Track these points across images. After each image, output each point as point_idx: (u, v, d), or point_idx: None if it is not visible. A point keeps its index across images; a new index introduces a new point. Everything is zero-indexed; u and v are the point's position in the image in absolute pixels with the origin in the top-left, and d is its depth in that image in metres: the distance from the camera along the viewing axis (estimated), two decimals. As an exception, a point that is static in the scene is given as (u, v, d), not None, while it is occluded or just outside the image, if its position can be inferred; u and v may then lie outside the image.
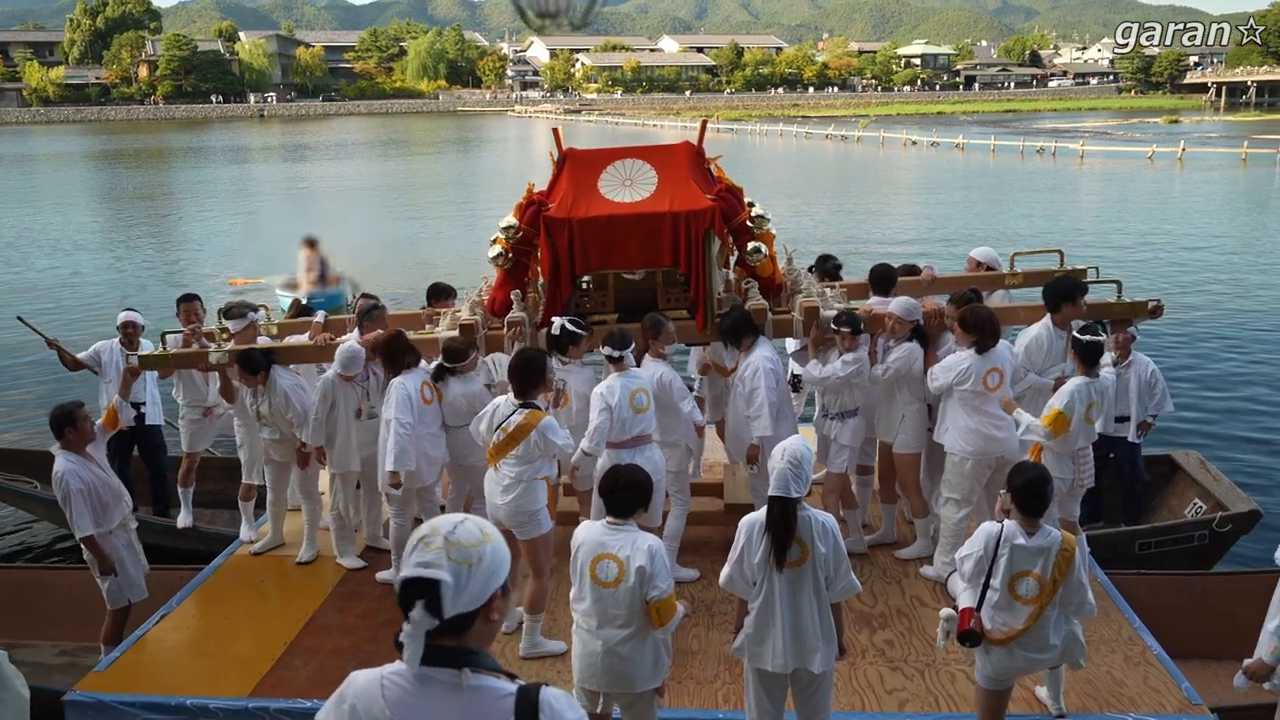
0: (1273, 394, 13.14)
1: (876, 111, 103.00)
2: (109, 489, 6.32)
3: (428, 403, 6.52)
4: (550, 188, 6.94)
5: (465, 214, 33.60)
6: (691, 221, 6.44)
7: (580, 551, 4.41)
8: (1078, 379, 6.07)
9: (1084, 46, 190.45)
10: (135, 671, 5.76)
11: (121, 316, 8.71)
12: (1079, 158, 51.19)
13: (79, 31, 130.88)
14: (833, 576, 4.34)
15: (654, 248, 6.55)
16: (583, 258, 6.58)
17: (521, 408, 5.53)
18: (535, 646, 5.75)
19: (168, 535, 8.21)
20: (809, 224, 27.97)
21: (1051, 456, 6.04)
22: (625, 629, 4.30)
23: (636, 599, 4.26)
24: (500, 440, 5.55)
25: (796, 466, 4.28)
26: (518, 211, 6.77)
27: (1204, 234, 26.90)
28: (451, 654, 2.13)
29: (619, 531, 4.36)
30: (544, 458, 5.61)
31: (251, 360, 6.90)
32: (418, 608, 2.08)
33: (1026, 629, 4.51)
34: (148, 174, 52.04)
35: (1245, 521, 7.76)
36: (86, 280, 22.54)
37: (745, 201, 6.87)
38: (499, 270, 6.91)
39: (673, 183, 6.72)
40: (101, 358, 8.64)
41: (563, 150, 6.99)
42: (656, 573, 4.25)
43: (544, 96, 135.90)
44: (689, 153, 7.05)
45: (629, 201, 6.66)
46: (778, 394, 6.43)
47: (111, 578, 6.32)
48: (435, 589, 2.08)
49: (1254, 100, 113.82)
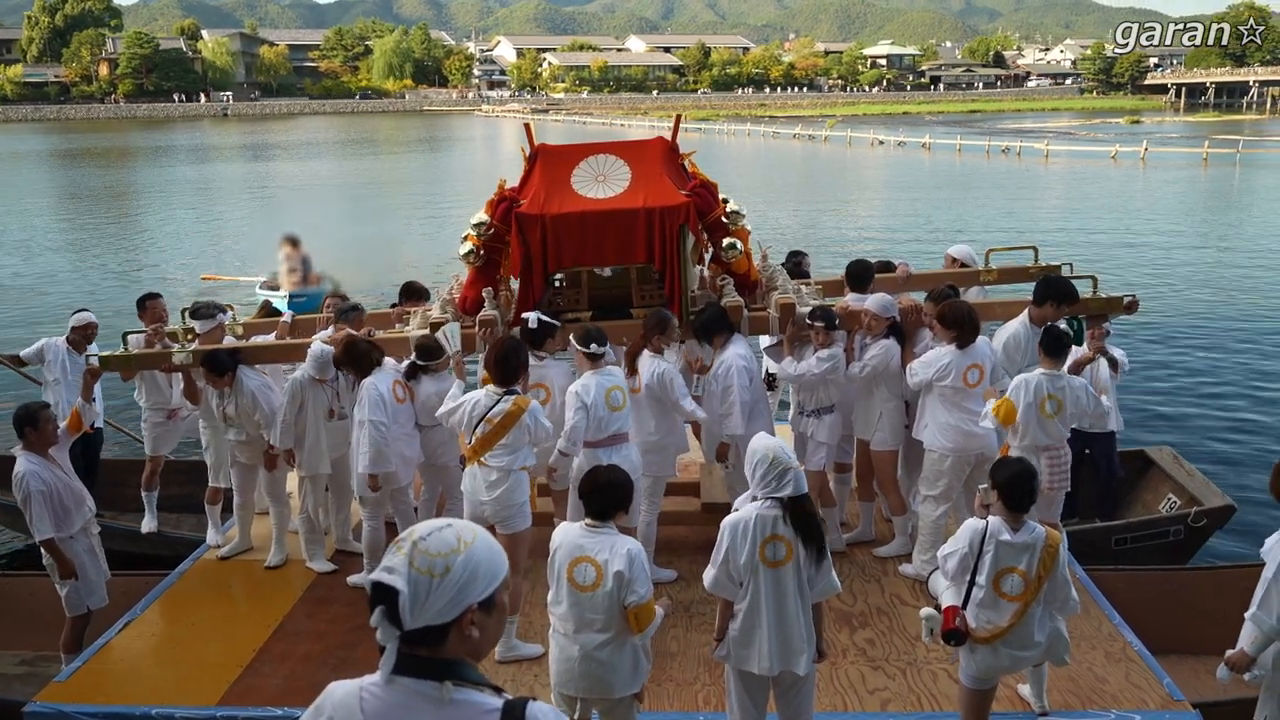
0: (1243, 389, 13.29)
1: (843, 111, 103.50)
2: (71, 492, 6.14)
3: (400, 402, 6.41)
4: (522, 184, 6.82)
5: (439, 212, 33.39)
6: (666, 217, 6.35)
7: (558, 554, 4.31)
8: (1036, 371, 5.99)
9: (1046, 48, 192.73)
10: (98, 681, 5.58)
11: (82, 318, 8.51)
12: (1044, 157, 51.75)
13: (37, 29, 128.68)
14: (814, 576, 4.27)
15: (628, 244, 6.45)
16: (555, 254, 6.48)
17: (506, 395, 5.44)
18: (511, 649, 5.64)
19: (132, 540, 8.02)
20: (781, 221, 28.03)
21: (1015, 452, 5.91)
22: (603, 634, 4.20)
23: (614, 604, 4.17)
24: (486, 432, 5.44)
25: (796, 467, 4.26)
26: (489, 208, 6.65)
27: (1170, 231, 27.25)
28: (430, 665, 2.00)
29: (597, 534, 4.27)
30: (529, 445, 5.53)
31: (218, 361, 6.74)
32: (378, 613, 1.97)
33: (1012, 626, 4.46)
34: (112, 173, 51.23)
35: (1220, 516, 7.82)
36: (49, 281, 22.06)
37: (720, 197, 6.80)
38: (470, 268, 6.79)
39: (646, 178, 6.62)
40: (46, 355, 8.43)
41: (535, 146, 6.88)
42: (635, 578, 4.15)
43: (511, 96, 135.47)
44: (663, 148, 6.96)
45: (602, 197, 6.56)
46: (751, 392, 6.36)
47: (71, 583, 6.13)
48: (394, 597, 1.95)
49: (1213, 101, 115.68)
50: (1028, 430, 5.93)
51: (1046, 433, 5.97)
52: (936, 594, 4.75)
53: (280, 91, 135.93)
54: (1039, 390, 5.90)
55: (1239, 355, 14.82)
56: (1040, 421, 5.93)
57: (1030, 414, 5.89)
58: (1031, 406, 5.89)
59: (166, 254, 25.93)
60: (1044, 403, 5.90)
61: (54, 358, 8.42)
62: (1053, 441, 6.02)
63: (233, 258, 24.36)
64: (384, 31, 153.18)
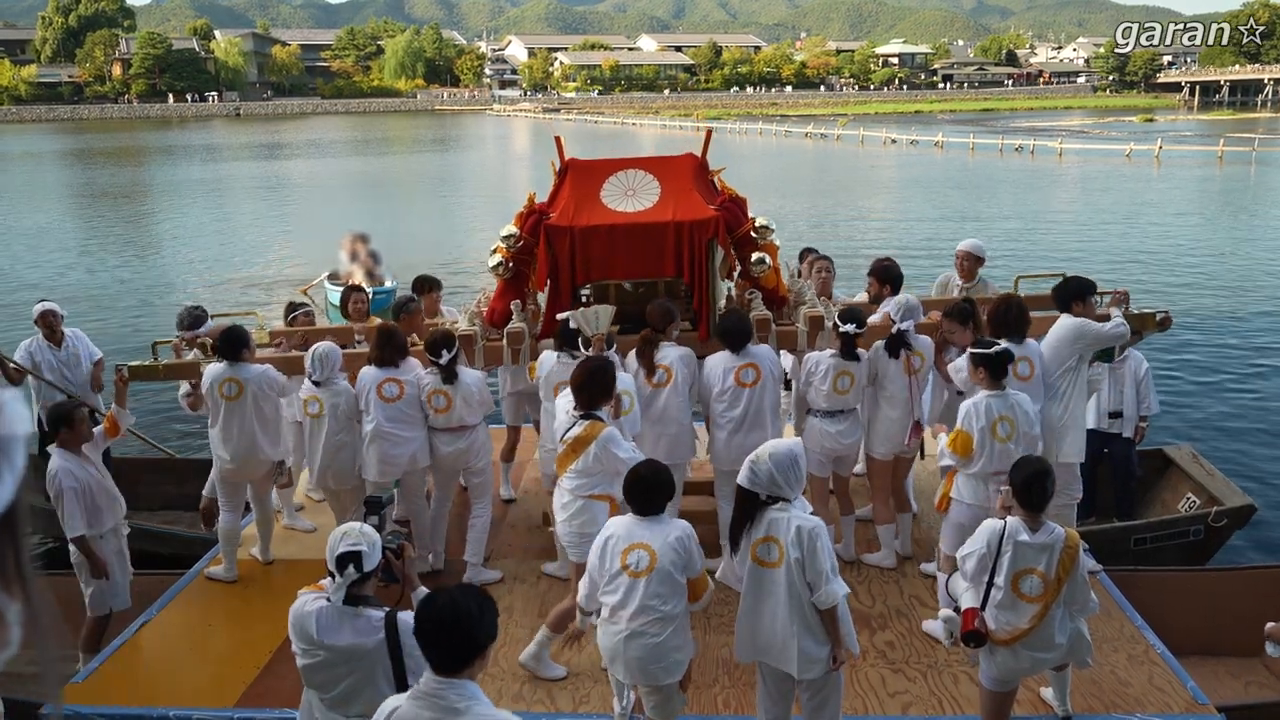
0: (1263, 388, 13.17)
1: (855, 110, 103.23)
2: (104, 491, 6.15)
3: (389, 400, 6.35)
4: (551, 197, 6.85)
5: (467, 207, 33.51)
6: (695, 231, 6.35)
7: (611, 543, 4.40)
8: (980, 394, 5.63)
9: (1059, 46, 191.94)
10: (115, 682, 5.57)
11: (37, 309, 8.58)
12: (1058, 155, 51.50)
13: (51, 29, 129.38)
14: (814, 581, 4.21)
15: (656, 257, 6.45)
16: (584, 266, 6.47)
17: (582, 419, 5.36)
18: (539, 664, 5.53)
19: (145, 540, 8.00)
20: (799, 222, 27.95)
21: (962, 479, 5.60)
22: (654, 616, 4.30)
23: (669, 586, 4.29)
24: (562, 452, 5.40)
25: (783, 467, 4.21)
26: (519, 221, 6.67)
27: (1187, 231, 27.07)
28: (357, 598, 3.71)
29: (647, 522, 4.39)
30: (604, 474, 5.34)
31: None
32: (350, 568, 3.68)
33: (1032, 628, 4.42)
34: (129, 172, 51.39)
35: (1240, 516, 7.74)
36: (68, 281, 22.11)
37: (749, 212, 6.79)
38: (499, 280, 6.80)
39: (676, 193, 6.63)
40: (35, 358, 8.46)
41: (565, 160, 6.89)
42: (691, 555, 4.36)
43: (522, 95, 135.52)
44: (693, 164, 6.96)
45: (631, 211, 6.57)
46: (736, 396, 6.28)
47: (99, 583, 6.13)
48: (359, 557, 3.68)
49: (1227, 99, 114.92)
50: (979, 456, 5.52)
51: (998, 458, 5.47)
52: (955, 596, 4.70)
53: (292, 91, 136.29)
54: (989, 413, 5.51)
55: (1259, 354, 14.69)
56: (992, 446, 5.50)
57: (985, 439, 5.50)
58: (985, 430, 5.50)
59: (202, 254, 25.94)
60: (995, 425, 5.50)
61: (41, 357, 8.46)
62: (1001, 467, 5.34)
63: (281, 257, 24.57)
64: (396, 31, 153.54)
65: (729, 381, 6.19)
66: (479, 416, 6.52)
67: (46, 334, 8.46)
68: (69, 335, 8.66)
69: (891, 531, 6.73)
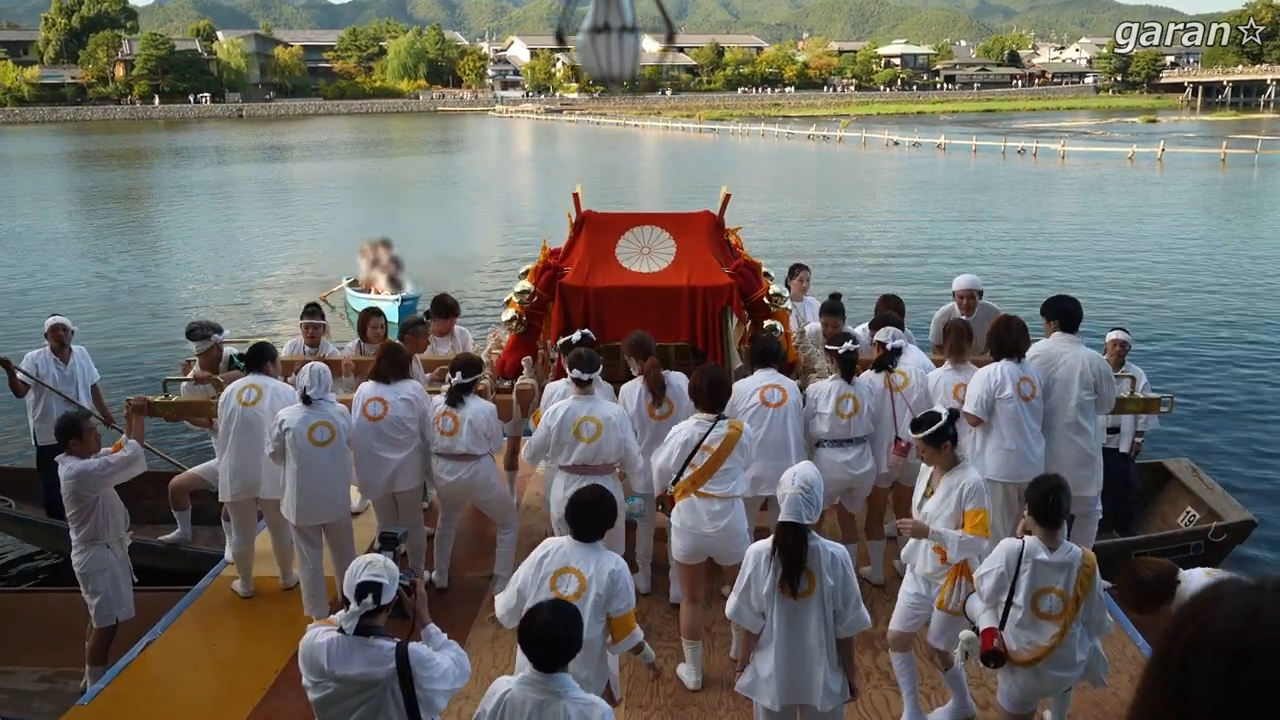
0: (1262, 401, 13.16)
1: (857, 111, 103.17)
2: (109, 502, 6.19)
3: (372, 419, 6.30)
4: (566, 250, 6.90)
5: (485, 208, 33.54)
6: (709, 298, 6.42)
7: (545, 563, 4.38)
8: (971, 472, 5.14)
9: (1061, 46, 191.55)
10: (121, 704, 5.57)
11: (48, 322, 8.61)
12: (1060, 158, 51.45)
13: (54, 31, 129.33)
14: (841, 610, 4.23)
15: (671, 321, 6.52)
16: (598, 328, 6.52)
17: (720, 420, 5.44)
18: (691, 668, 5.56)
19: (148, 554, 8.02)
20: (801, 228, 27.94)
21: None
22: None
23: (593, 616, 4.21)
24: (707, 460, 5.38)
25: (808, 492, 4.19)
26: (533, 276, 6.73)
27: (1189, 236, 27.02)
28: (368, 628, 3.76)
29: (584, 548, 4.37)
30: (743, 470, 5.54)
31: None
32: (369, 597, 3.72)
33: (1053, 647, 4.42)
34: (153, 173, 51.40)
35: (1240, 531, 7.76)
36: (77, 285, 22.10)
37: (763, 277, 6.83)
38: (510, 334, 6.84)
39: (691, 253, 6.68)
40: (39, 369, 8.47)
41: (581, 212, 6.92)
42: (617, 592, 4.28)
43: (525, 96, 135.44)
44: (709, 223, 7.01)
45: (646, 271, 6.60)
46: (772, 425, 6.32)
47: (103, 594, 6.13)
48: (379, 589, 3.73)
49: (1229, 100, 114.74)
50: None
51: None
52: (973, 616, 4.69)
53: (295, 92, 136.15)
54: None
55: (1259, 365, 14.68)
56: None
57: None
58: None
59: (211, 258, 25.92)
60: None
61: (46, 370, 8.47)
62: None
63: (291, 261, 24.63)
64: (398, 32, 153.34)
65: (754, 399, 6.13)
66: (485, 448, 6.37)
67: (55, 347, 8.48)
68: (75, 353, 8.66)
69: (881, 548, 6.80)
